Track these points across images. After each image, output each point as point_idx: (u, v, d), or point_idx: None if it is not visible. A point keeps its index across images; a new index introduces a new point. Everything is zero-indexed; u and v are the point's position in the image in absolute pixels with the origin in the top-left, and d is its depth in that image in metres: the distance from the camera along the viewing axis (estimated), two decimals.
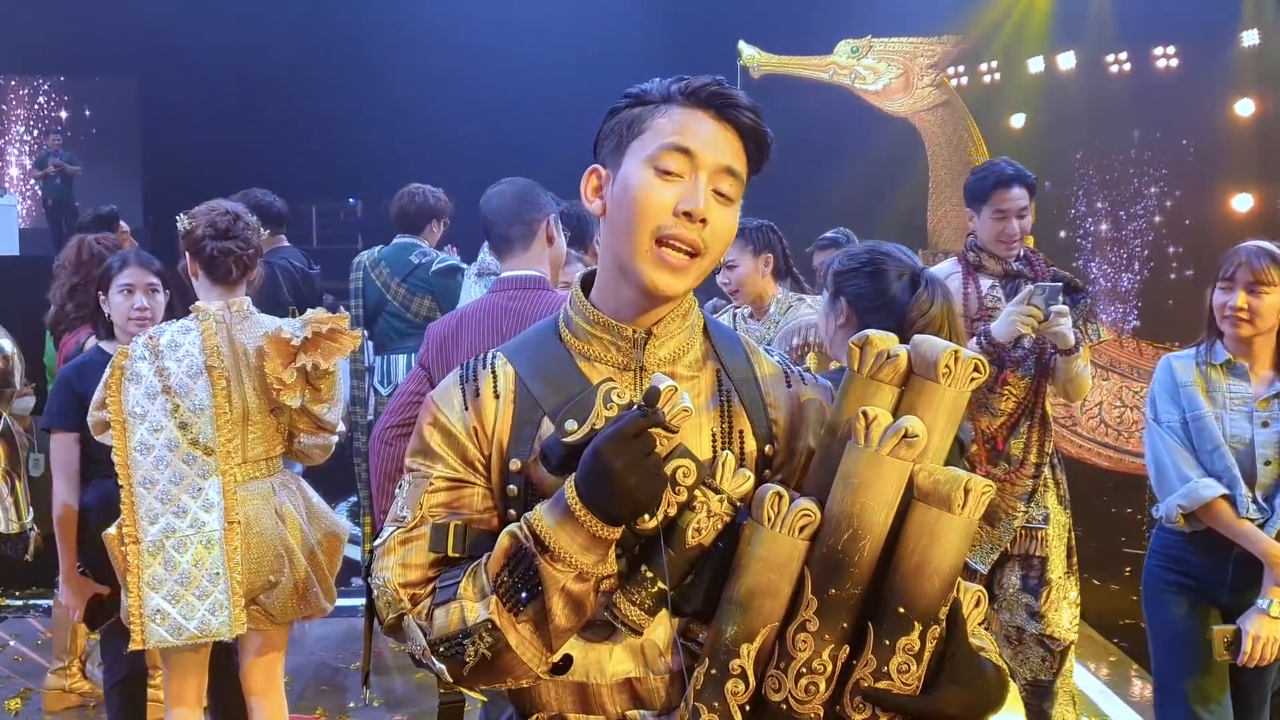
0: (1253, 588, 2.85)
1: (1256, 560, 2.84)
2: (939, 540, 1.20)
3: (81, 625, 3.74)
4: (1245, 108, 8.52)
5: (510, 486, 1.34)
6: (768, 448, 1.39)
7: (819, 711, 1.22)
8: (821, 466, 1.30)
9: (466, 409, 1.38)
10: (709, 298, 4.51)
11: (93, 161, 12.84)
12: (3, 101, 13.86)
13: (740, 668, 1.23)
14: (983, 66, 9.29)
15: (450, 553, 1.32)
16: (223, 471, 2.89)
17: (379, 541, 1.38)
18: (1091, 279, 8.88)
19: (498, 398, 1.38)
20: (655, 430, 1.20)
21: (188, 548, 2.83)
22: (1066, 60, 9.07)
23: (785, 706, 1.22)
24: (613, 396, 1.24)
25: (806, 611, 1.22)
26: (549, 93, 8.82)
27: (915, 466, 1.22)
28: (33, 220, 12.84)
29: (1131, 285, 9.12)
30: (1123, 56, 8.90)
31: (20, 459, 3.71)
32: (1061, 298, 3.15)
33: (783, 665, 1.22)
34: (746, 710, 1.23)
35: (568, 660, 1.31)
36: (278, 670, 3.17)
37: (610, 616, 1.27)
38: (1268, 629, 2.80)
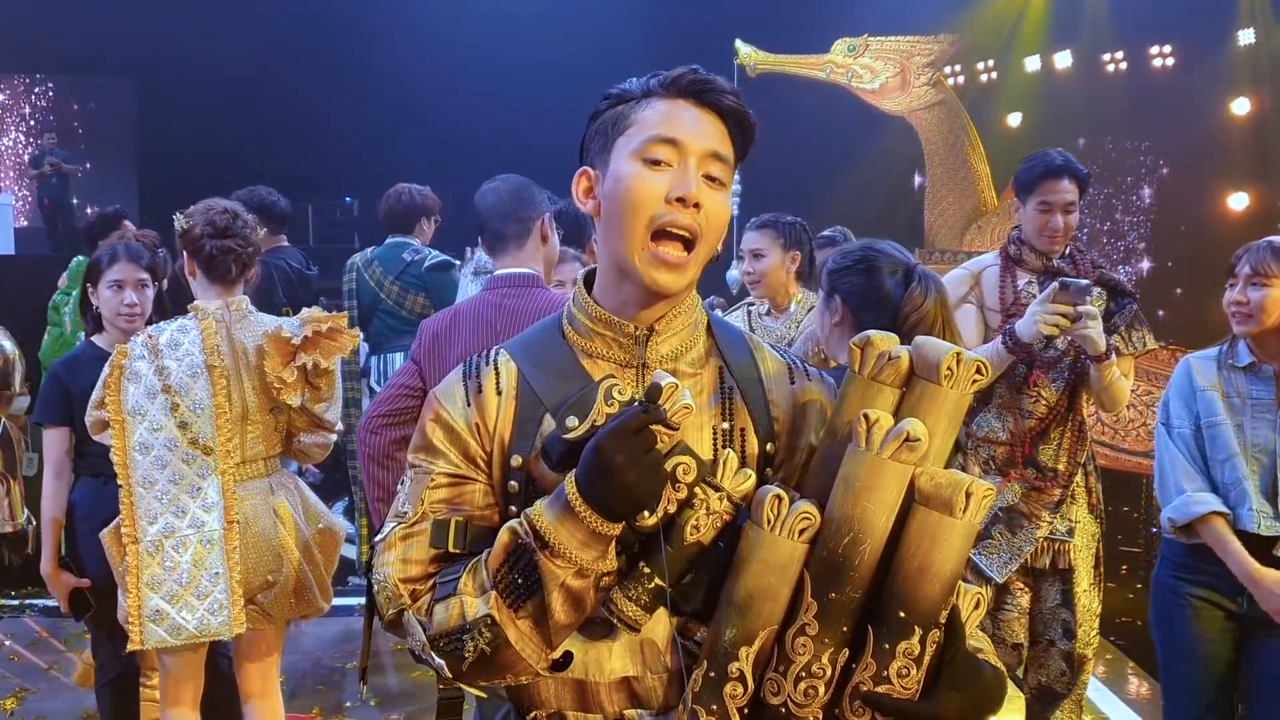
0: None
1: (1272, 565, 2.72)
2: (940, 544, 1.19)
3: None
4: (1241, 106, 8.53)
5: (511, 483, 1.35)
6: (769, 446, 1.39)
7: (818, 715, 1.22)
8: (822, 468, 1.30)
9: (469, 405, 1.38)
10: (707, 295, 4.51)
11: (89, 160, 12.83)
12: None
13: (739, 670, 1.23)
14: (979, 65, 9.29)
15: (451, 549, 1.32)
16: (222, 471, 2.88)
17: (380, 537, 1.38)
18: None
19: (500, 394, 1.38)
20: (656, 427, 1.20)
21: (187, 547, 2.83)
22: (1063, 59, 9.07)
23: (784, 710, 1.21)
24: (614, 393, 1.23)
25: (806, 615, 1.21)
26: (545, 91, 8.80)
27: (916, 470, 1.21)
28: (29, 220, 12.80)
29: (1127, 283, 9.09)
30: (1119, 55, 8.91)
31: (16, 460, 3.70)
32: (1094, 299, 2.99)
33: (782, 668, 1.22)
34: (745, 713, 1.23)
35: (568, 657, 1.31)
36: (274, 670, 3.17)
37: (608, 613, 1.27)
38: None
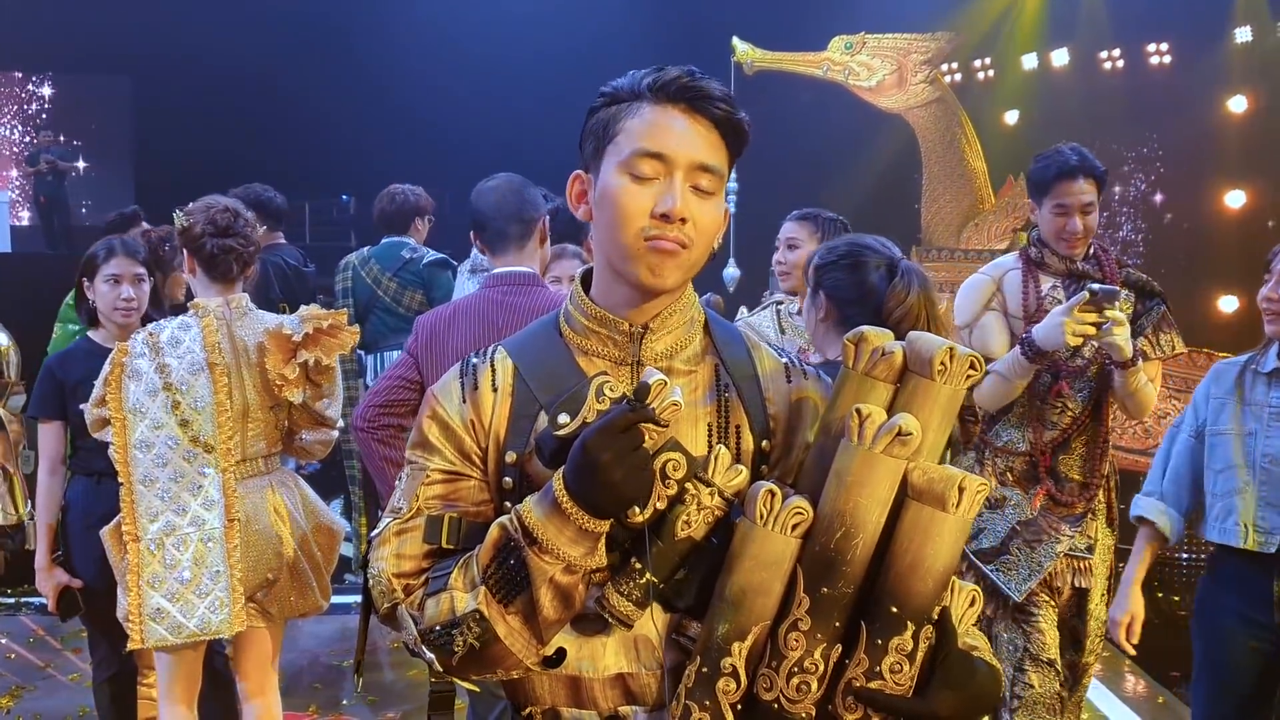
0: None
1: None
2: (932, 539, 1.19)
3: None
4: (1238, 104, 8.52)
5: (506, 479, 1.35)
6: (765, 443, 1.39)
7: (811, 711, 1.22)
8: (816, 464, 1.30)
9: (464, 402, 1.39)
10: (704, 292, 4.51)
11: (86, 158, 12.81)
12: None
13: (732, 666, 1.23)
14: (976, 63, 9.28)
15: (444, 544, 1.33)
16: (222, 468, 2.88)
17: (375, 532, 1.39)
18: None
19: (495, 391, 1.39)
20: (645, 425, 1.20)
21: (188, 545, 2.82)
22: (1060, 57, 9.06)
23: (777, 705, 1.21)
24: (605, 390, 1.24)
25: (799, 610, 1.21)
26: (542, 90, 8.78)
27: (909, 464, 1.21)
28: (26, 217, 12.78)
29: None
30: (1116, 53, 8.89)
31: (15, 453, 3.71)
32: (1122, 302, 2.91)
33: (774, 664, 1.22)
34: (738, 709, 1.23)
35: (561, 653, 1.32)
36: (272, 668, 3.16)
37: (599, 608, 1.27)
38: None
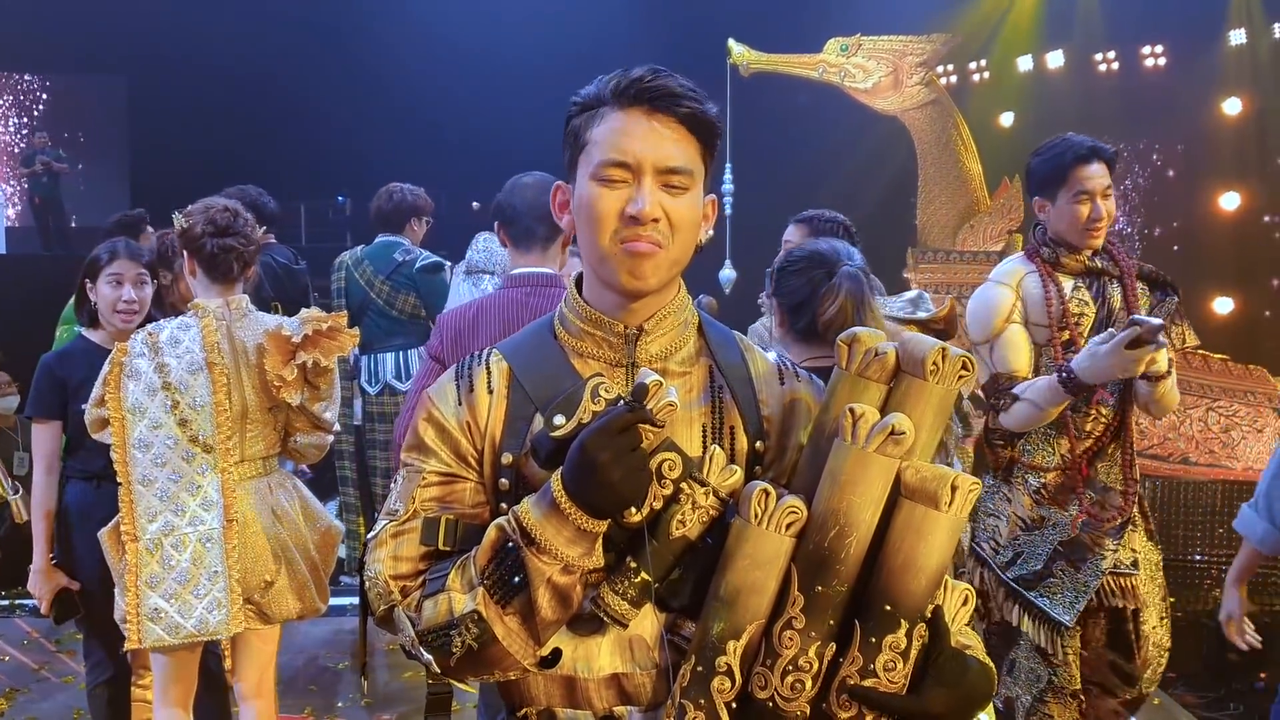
0: None
1: None
2: (925, 538, 1.20)
3: None
4: (1233, 106, 8.55)
5: (502, 480, 1.36)
6: (759, 444, 1.40)
7: (805, 709, 1.22)
8: (810, 464, 1.30)
9: (460, 404, 1.40)
10: (697, 294, 4.51)
11: (80, 159, 12.78)
12: None
13: (726, 665, 1.23)
14: (972, 65, 9.29)
15: (441, 546, 1.34)
16: (221, 469, 2.88)
17: (372, 534, 1.40)
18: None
19: (491, 393, 1.40)
20: (641, 425, 1.20)
21: (186, 545, 2.82)
22: (1055, 59, 9.07)
23: (771, 704, 1.22)
24: (600, 391, 1.25)
25: (793, 609, 1.22)
26: (539, 91, 8.75)
27: (903, 464, 1.22)
28: (20, 219, 12.75)
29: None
30: (1111, 55, 8.91)
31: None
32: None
33: (769, 662, 1.22)
34: (733, 708, 1.23)
35: (557, 654, 1.32)
36: (270, 670, 3.16)
37: (595, 608, 1.28)
38: None
